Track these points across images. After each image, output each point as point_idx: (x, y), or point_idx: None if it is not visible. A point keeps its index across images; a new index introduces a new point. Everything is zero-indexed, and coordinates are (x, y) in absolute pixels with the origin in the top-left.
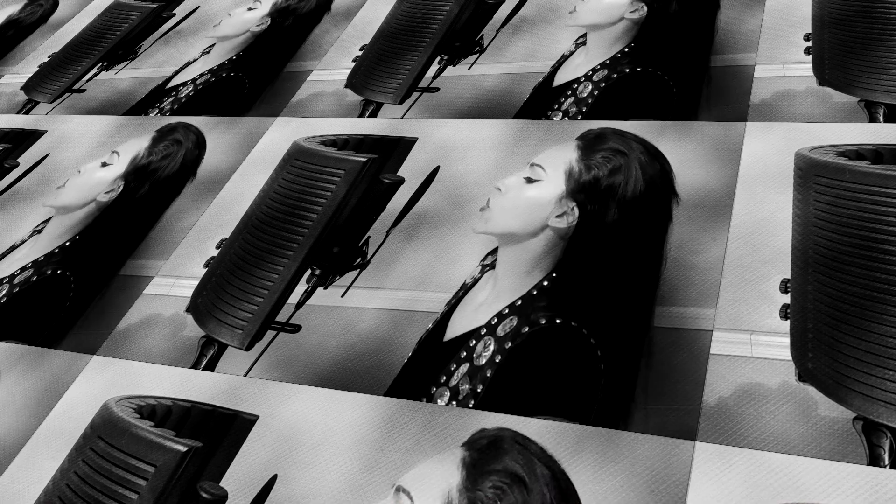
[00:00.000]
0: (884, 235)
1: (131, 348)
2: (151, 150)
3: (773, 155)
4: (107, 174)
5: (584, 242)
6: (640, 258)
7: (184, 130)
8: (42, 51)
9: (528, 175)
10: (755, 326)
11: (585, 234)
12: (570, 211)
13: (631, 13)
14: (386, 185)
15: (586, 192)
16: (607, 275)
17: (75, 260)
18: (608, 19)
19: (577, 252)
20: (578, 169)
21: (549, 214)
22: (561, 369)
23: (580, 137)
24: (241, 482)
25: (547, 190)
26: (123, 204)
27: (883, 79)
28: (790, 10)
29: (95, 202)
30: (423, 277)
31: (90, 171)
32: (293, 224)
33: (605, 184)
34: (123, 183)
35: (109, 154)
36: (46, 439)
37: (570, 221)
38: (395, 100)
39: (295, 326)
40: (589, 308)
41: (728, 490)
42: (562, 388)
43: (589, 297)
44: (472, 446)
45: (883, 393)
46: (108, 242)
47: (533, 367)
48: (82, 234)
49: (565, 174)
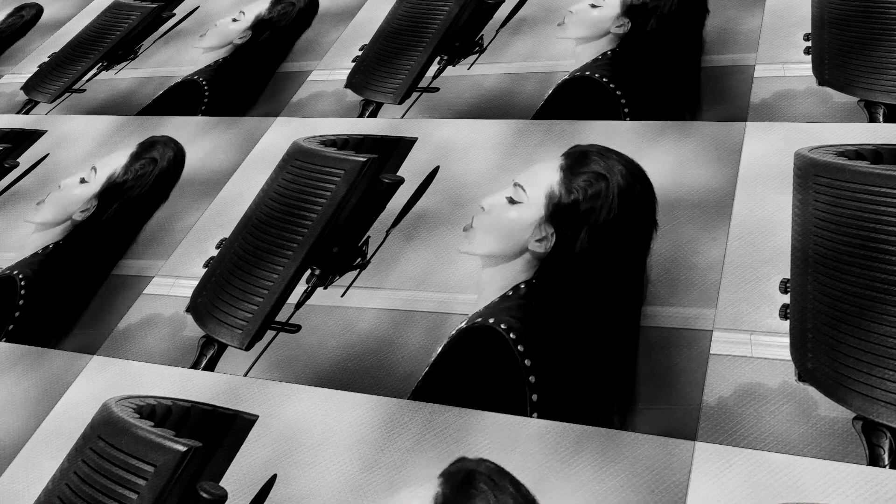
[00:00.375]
0: (884, 235)
1: (131, 348)
2: (128, 168)
3: (772, 155)
4: (83, 192)
5: (555, 264)
6: (612, 282)
7: (162, 148)
8: (42, 51)
9: (510, 195)
10: (755, 326)
11: (557, 256)
12: (549, 236)
13: (616, 27)
14: (386, 185)
15: (563, 217)
16: (572, 295)
17: (42, 268)
18: (595, 33)
19: (547, 273)
20: (559, 192)
21: (529, 237)
22: (476, 364)
23: (565, 155)
24: (240, 482)
25: (528, 213)
26: (95, 223)
27: (883, 79)
28: (790, 10)
29: (71, 221)
30: (423, 277)
31: (69, 187)
32: (293, 224)
33: (582, 209)
34: (97, 202)
35: (89, 170)
36: (46, 439)
37: (548, 247)
38: (394, 100)
39: (295, 326)
40: (538, 319)
41: (728, 490)
42: (481, 382)
43: (547, 312)
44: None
45: (883, 393)
46: (78, 259)
47: (452, 362)
48: (55, 246)
49: (546, 197)
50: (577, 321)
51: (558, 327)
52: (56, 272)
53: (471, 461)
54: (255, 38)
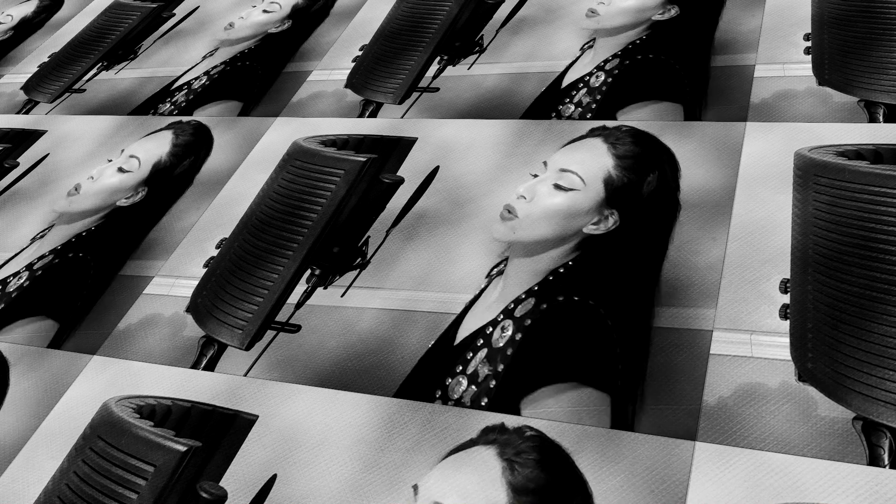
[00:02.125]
0: (884, 235)
1: (131, 348)
2: (172, 153)
3: (772, 155)
4: (127, 180)
5: (602, 237)
6: (649, 250)
7: (196, 129)
8: (42, 51)
9: (557, 181)
10: (755, 326)
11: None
12: (608, 216)
13: (660, 14)
14: (386, 185)
15: (624, 198)
16: (621, 265)
17: (91, 247)
18: (636, 20)
19: (596, 244)
20: (617, 176)
21: (585, 222)
22: (577, 341)
23: (608, 140)
24: (240, 482)
25: (585, 198)
26: (140, 207)
27: (883, 79)
28: (790, 10)
29: (113, 207)
30: (423, 277)
31: (106, 176)
32: (293, 224)
33: (639, 189)
34: (146, 189)
35: (126, 159)
36: (46, 439)
37: (609, 226)
38: (394, 100)
39: (295, 326)
40: (605, 291)
41: (728, 490)
42: (579, 357)
43: (605, 282)
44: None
45: (883, 393)
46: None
47: (551, 339)
48: (89, 233)
49: (604, 182)
50: (623, 288)
51: (611, 291)
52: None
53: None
54: (294, 27)
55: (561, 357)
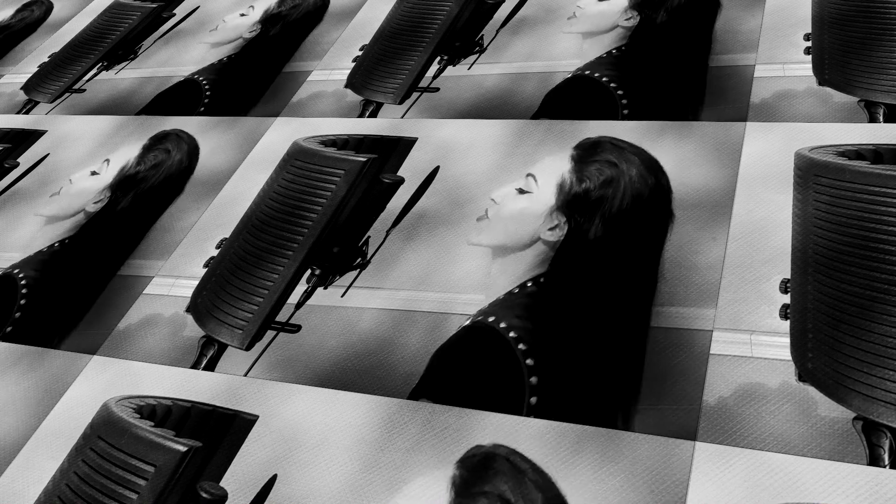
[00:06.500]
0: (884, 235)
1: (131, 348)
2: (141, 158)
3: (773, 155)
4: (95, 184)
5: (570, 255)
6: (627, 272)
7: (176, 139)
8: (42, 51)
9: (520, 186)
10: (755, 326)
11: (571, 246)
12: (561, 224)
13: (625, 21)
14: (386, 185)
15: (575, 205)
16: (586, 287)
17: (48, 266)
18: (602, 27)
19: (561, 265)
20: (570, 181)
21: (540, 226)
22: (476, 364)
23: (576, 147)
24: (241, 482)
25: (538, 202)
26: (108, 214)
27: (883, 79)
28: (790, 10)
29: (84, 212)
30: (423, 277)
31: (80, 180)
32: (293, 224)
33: (594, 196)
34: (110, 193)
35: (101, 162)
36: (46, 439)
37: (560, 235)
38: (395, 100)
39: (295, 326)
40: (546, 317)
41: (728, 490)
42: (480, 383)
43: (557, 309)
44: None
45: (883, 393)
46: (92, 251)
47: (452, 361)
48: (65, 243)
49: (557, 186)
50: (589, 315)
51: (568, 324)
52: (62, 271)
53: (487, 447)
54: (264, 32)
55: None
